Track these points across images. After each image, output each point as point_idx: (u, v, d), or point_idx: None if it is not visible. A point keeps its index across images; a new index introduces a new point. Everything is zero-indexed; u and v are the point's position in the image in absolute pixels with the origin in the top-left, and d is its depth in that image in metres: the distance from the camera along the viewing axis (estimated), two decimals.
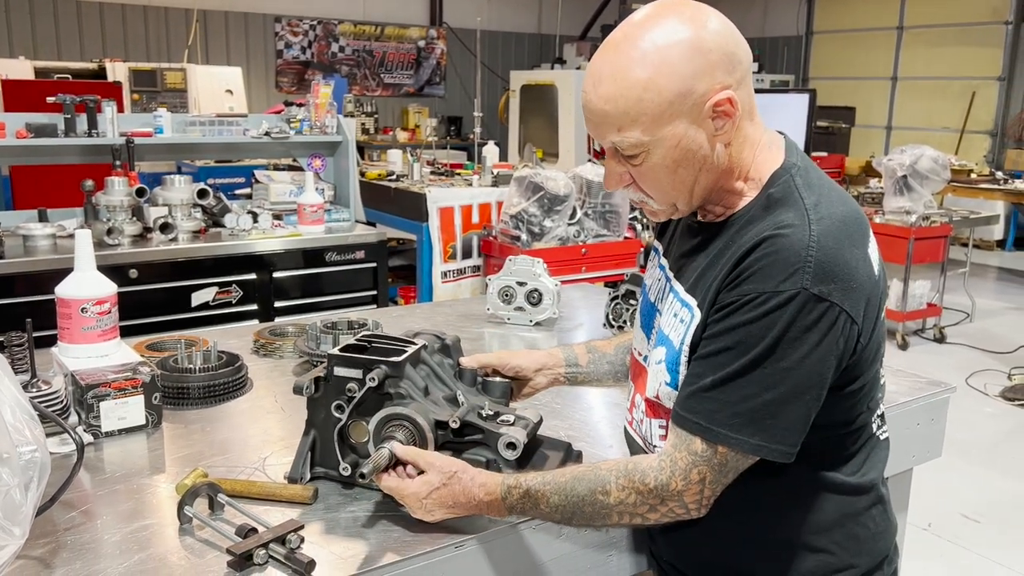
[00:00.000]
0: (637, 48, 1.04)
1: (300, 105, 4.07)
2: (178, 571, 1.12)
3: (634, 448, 1.31)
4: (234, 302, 3.41)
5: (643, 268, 3.25)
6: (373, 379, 1.28)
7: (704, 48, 1.04)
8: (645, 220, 4.98)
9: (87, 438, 1.48)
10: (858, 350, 1.07)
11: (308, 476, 1.36)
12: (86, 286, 1.64)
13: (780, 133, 1.19)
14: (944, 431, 1.87)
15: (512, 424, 1.31)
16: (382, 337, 1.41)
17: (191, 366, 1.74)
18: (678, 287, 1.18)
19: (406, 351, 1.34)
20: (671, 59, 1.03)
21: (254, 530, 1.16)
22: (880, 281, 1.11)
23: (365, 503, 1.31)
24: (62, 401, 1.49)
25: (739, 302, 1.04)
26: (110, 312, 1.67)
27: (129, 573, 1.10)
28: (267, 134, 3.85)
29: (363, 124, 9.95)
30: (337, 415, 1.33)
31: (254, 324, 3.12)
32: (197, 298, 3.31)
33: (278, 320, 3.40)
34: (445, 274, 4.63)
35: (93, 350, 1.64)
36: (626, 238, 4.60)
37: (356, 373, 1.31)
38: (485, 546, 1.23)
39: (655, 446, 1.23)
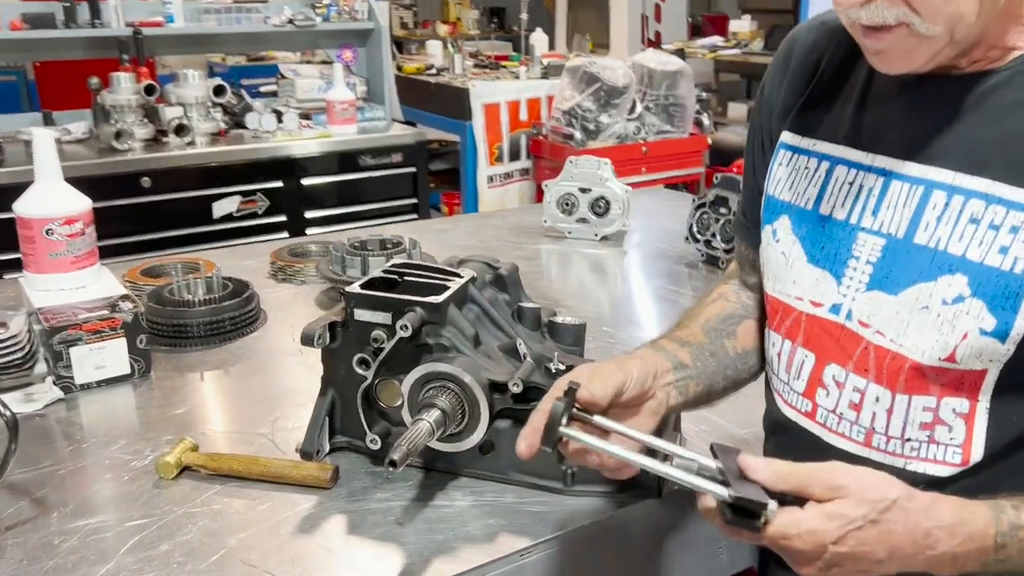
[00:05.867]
0: None
1: None
2: None
3: (811, 445, 0.88)
4: (260, 212, 3.08)
5: (728, 168, 2.78)
6: (406, 327, 0.95)
7: None
8: (710, 112, 4.49)
9: (57, 394, 1.19)
10: None
11: (327, 448, 1.06)
12: (50, 201, 1.32)
13: None
14: None
15: None
16: (418, 266, 1.08)
17: (190, 297, 1.43)
18: (949, 175, 0.80)
19: (449, 287, 1.00)
20: None
21: None
22: None
23: (400, 487, 1.00)
24: (23, 348, 1.19)
25: None
26: (84, 233, 1.34)
27: None
28: (291, 22, 3.45)
29: (402, 18, 9.41)
30: (361, 372, 1.01)
31: (283, 238, 2.80)
32: (219, 209, 2.99)
33: (309, 232, 3.10)
34: (491, 178, 4.24)
35: (64, 280, 1.33)
36: (692, 134, 4.14)
37: (384, 318, 0.98)
38: (561, 550, 0.92)
39: (909, 439, 0.82)
